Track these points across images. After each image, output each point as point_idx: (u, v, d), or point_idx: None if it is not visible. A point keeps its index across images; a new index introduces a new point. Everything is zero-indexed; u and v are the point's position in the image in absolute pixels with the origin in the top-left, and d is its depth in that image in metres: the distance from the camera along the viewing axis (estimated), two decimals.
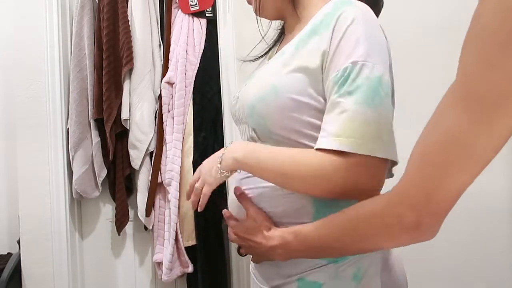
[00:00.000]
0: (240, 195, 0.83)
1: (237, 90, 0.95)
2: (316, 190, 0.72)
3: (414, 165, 0.52)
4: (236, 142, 0.82)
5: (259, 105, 0.76)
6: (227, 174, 0.81)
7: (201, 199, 0.83)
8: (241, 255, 0.88)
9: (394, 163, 0.73)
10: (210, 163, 0.83)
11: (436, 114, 0.50)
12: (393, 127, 0.70)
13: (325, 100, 0.73)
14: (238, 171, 0.81)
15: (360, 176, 0.67)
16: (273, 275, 0.81)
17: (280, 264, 0.78)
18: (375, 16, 0.75)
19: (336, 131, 0.67)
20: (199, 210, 0.85)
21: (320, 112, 0.73)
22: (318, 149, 0.70)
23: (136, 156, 1.76)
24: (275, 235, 0.74)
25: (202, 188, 0.83)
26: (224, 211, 0.88)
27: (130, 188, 1.85)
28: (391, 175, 0.78)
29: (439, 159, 0.49)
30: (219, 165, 0.80)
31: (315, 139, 0.73)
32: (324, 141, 0.69)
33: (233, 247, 1.72)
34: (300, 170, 0.70)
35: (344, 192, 0.69)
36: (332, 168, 0.67)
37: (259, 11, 0.88)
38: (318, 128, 0.73)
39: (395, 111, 0.78)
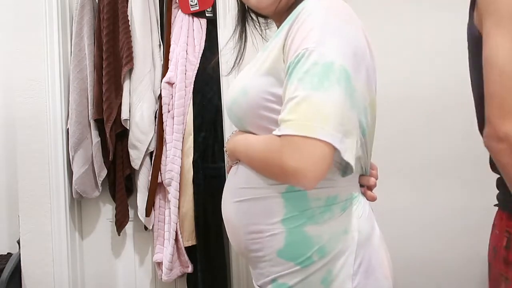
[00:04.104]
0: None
1: None
2: (269, 173, 0.77)
3: None
4: (233, 135, 0.91)
5: (234, 106, 0.83)
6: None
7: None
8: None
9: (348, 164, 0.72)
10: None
11: None
12: (348, 114, 0.69)
13: None
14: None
15: (295, 156, 0.67)
16: (257, 275, 0.85)
17: (261, 265, 0.82)
18: (345, 8, 0.75)
19: (283, 117, 0.69)
20: None
21: None
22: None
23: (136, 156, 1.76)
24: None
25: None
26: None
27: (130, 188, 1.85)
28: (346, 172, 0.78)
29: None
30: (228, 159, 0.95)
31: None
32: (277, 129, 0.71)
33: (233, 247, 1.72)
34: (260, 154, 0.78)
35: (285, 173, 0.69)
36: (277, 149, 0.70)
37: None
38: None
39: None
